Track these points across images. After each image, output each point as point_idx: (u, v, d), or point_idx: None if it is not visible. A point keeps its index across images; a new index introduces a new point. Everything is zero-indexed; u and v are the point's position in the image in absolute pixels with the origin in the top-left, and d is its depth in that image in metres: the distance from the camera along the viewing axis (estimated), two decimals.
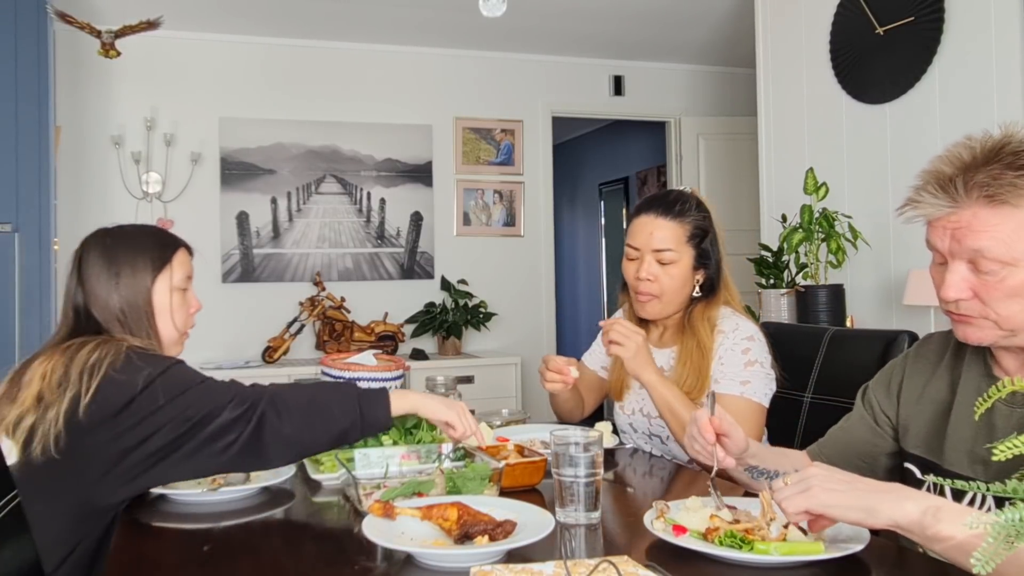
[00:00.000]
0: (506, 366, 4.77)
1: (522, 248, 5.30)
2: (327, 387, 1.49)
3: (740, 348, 1.81)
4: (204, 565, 1.18)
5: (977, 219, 1.12)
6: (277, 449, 1.36)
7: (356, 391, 1.46)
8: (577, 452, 1.30)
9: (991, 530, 0.70)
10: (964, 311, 1.17)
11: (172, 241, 1.59)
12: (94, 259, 1.50)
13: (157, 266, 1.52)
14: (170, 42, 4.57)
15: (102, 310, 1.47)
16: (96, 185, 4.50)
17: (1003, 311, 1.14)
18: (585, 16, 4.58)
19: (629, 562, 1.06)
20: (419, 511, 1.18)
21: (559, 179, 6.12)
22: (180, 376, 1.36)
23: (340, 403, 1.42)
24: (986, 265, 1.12)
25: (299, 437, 1.37)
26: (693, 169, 5.44)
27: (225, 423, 1.32)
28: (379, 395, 1.47)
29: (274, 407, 1.36)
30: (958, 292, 1.16)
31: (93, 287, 1.48)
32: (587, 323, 7.94)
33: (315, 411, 1.39)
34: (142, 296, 1.49)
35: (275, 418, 1.35)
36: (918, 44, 3.10)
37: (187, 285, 1.58)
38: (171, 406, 1.31)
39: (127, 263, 1.50)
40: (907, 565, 1.16)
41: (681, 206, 1.87)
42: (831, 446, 1.47)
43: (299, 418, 1.37)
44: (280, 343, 4.64)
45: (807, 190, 3.33)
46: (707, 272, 1.88)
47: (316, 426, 1.39)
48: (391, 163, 5.01)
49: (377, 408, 1.45)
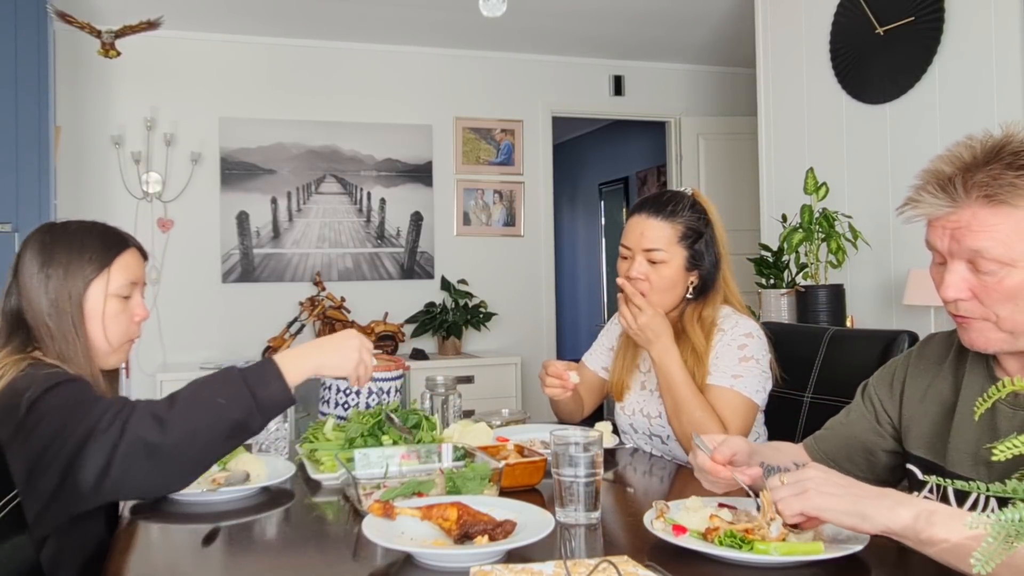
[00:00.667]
0: (506, 366, 4.77)
1: (522, 248, 5.30)
2: (202, 380, 1.28)
3: (736, 344, 1.81)
4: (204, 565, 1.18)
5: (976, 219, 1.11)
6: (163, 464, 1.19)
7: (238, 373, 1.27)
8: (577, 452, 1.30)
9: (991, 530, 0.70)
10: (964, 312, 1.17)
11: (118, 242, 1.49)
12: (30, 256, 1.42)
13: (94, 268, 1.42)
14: (170, 42, 4.57)
15: (33, 313, 1.39)
16: (96, 185, 4.50)
17: (1001, 312, 1.14)
18: (585, 16, 4.58)
19: (629, 562, 1.06)
20: (419, 511, 1.18)
21: (559, 179, 6.12)
22: (55, 399, 1.23)
23: (223, 392, 1.23)
24: (985, 265, 1.12)
25: (184, 445, 1.19)
26: (693, 169, 5.44)
27: (91, 437, 1.17)
28: (266, 369, 1.28)
29: (146, 417, 1.19)
30: (957, 292, 1.16)
31: (25, 286, 1.40)
32: (587, 323, 7.94)
33: (195, 408, 1.21)
34: (72, 300, 1.39)
35: (151, 428, 1.18)
36: (918, 44, 3.10)
37: (130, 292, 1.47)
38: (46, 426, 1.19)
39: (61, 263, 1.41)
40: (907, 565, 1.16)
41: (674, 206, 1.86)
42: (829, 441, 1.47)
43: (179, 423, 1.19)
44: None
45: (807, 190, 3.33)
46: (701, 273, 1.87)
47: (200, 425, 1.20)
48: (391, 163, 5.01)
49: (270, 384, 1.26)
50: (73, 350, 1.39)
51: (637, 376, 1.97)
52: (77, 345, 1.40)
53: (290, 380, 1.29)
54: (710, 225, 1.89)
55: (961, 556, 0.97)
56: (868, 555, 1.12)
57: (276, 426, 1.79)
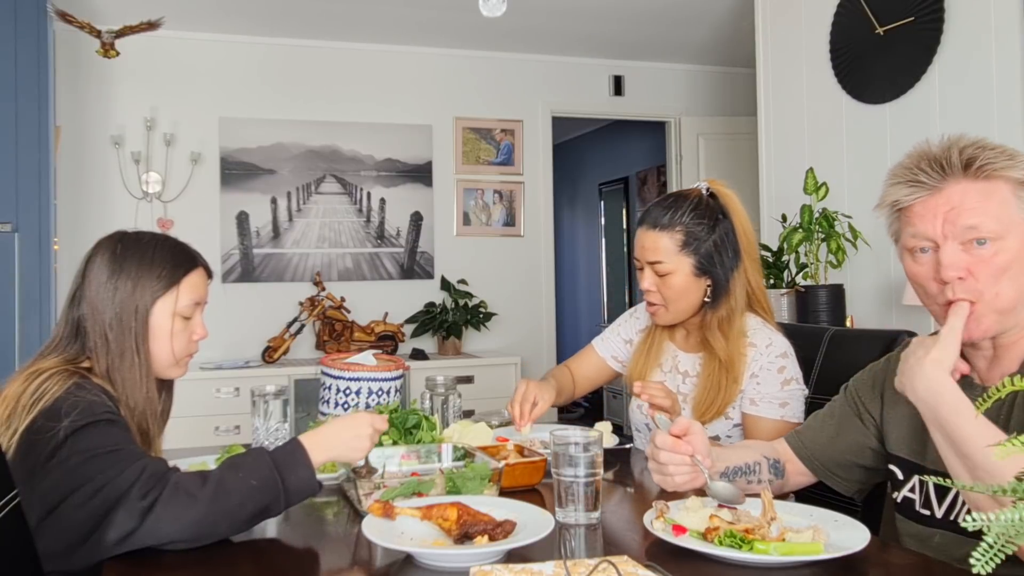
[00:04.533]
0: (506, 366, 4.77)
1: (522, 248, 5.30)
2: (233, 461, 1.27)
3: (776, 367, 1.78)
4: (204, 565, 1.18)
5: (967, 196, 1.16)
6: (187, 535, 1.19)
7: (268, 458, 1.26)
8: (577, 452, 1.30)
9: (990, 530, 0.70)
10: (960, 293, 1.18)
11: (188, 260, 1.47)
12: (100, 263, 1.42)
13: (164, 285, 1.42)
14: (170, 42, 4.57)
15: (94, 320, 1.39)
16: (96, 185, 4.50)
17: (996, 289, 1.16)
18: (585, 16, 4.58)
19: (629, 562, 1.06)
20: (419, 511, 1.18)
21: (559, 179, 6.12)
22: (95, 437, 1.23)
23: (255, 475, 1.23)
24: (976, 245, 1.16)
25: (210, 525, 1.20)
26: (693, 169, 5.44)
27: (123, 500, 1.16)
28: (295, 455, 1.28)
29: (179, 494, 1.19)
30: (957, 270, 1.17)
31: (92, 293, 1.40)
32: (587, 323, 7.94)
33: (226, 489, 1.21)
34: (138, 314, 1.40)
35: (182, 506, 1.18)
36: (918, 44, 3.10)
37: (193, 312, 1.47)
38: (77, 466, 1.18)
39: (131, 275, 1.40)
40: (907, 565, 1.16)
41: (672, 214, 1.81)
42: (813, 438, 1.48)
43: (209, 504, 1.19)
44: (280, 343, 4.64)
45: (807, 190, 3.33)
46: (714, 277, 1.81)
47: (231, 506, 1.21)
48: (391, 163, 5.01)
49: (298, 470, 1.26)
50: (128, 365, 1.38)
51: (657, 374, 1.95)
52: (135, 361, 1.39)
53: (316, 465, 1.29)
54: (721, 224, 1.82)
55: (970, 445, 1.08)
56: (868, 555, 1.12)
57: (276, 426, 1.79)
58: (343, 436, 1.34)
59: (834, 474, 1.47)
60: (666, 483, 1.37)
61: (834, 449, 1.45)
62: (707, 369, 1.83)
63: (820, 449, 1.47)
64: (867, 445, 1.42)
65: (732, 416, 1.81)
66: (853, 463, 1.44)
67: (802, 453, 1.49)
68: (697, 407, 1.82)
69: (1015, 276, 1.16)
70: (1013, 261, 1.16)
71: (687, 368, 1.90)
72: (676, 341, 1.95)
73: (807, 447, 1.48)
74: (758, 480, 1.46)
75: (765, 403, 1.76)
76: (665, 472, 1.35)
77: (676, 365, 1.92)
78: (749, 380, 1.79)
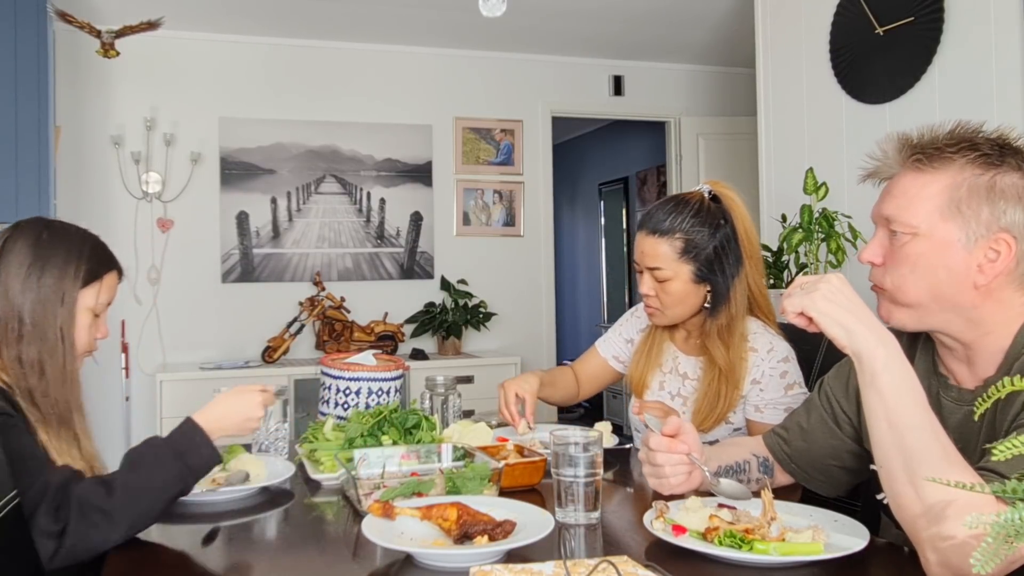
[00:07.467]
0: (506, 366, 4.77)
1: (522, 248, 5.30)
2: (135, 458, 1.28)
3: (778, 372, 1.77)
4: (204, 565, 1.18)
5: (898, 185, 1.17)
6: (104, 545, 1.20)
7: (167, 448, 1.29)
8: (577, 452, 1.30)
9: (990, 530, 0.70)
10: (872, 278, 1.20)
11: (110, 259, 1.49)
12: (21, 248, 1.40)
13: (89, 278, 1.42)
14: (170, 42, 4.57)
15: (7, 307, 1.36)
16: (96, 185, 4.50)
17: (896, 280, 1.16)
18: (585, 16, 4.58)
19: (629, 562, 1.06)
20: (419, 511, 1.18)
21: (559, 179, 6.12)
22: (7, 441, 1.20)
23: (159, 474, 1.26)
24: (895, 231, 1.16)
25: (128, 529, 1.22)
26: (693, 169, 5.44)
27: (34, 524, 1.17)
28: (193, 436, 1.31)
29: (90, 513, 1.18)
30: (871, 255, 1.19)
31: (8, 278, 1.37)
32: (587, 323, 7.94)
33: (135, 495, 1.22)
34: (65, 303, 1.38)
35: (95, 527, 1.18)
36: (918, 44, 3.10)
37: (104, 311, 1.48)
38: None
39: (57, 264, 1.39)
40: (907, 565, 1.16)
41: (672, 220, 1.78)
42: (791, 441, 1.47)
43: (122, 513, 1.20)
44: (280, 343, 4.64)
45: (807, 190, 3.33)
46: (714, 284, 1.79)
47: (143, 509, 1.23)
48: (391, 163, 5.01)
49: (200, 450, 1.30)
50: (50, 352, 1.36)
51: (657, 375, 1.95)
52: (59, 348, 1.37)
53: (214, 439, 1.34)
54: (722, 229, 1.79)
55: (888, 408, 1.03)
56: (868, 555, 1.12)
57: (276, 426, 1.80)
58: (236, 408, 1.40)
59: (814, 478, 1.46)
60: (662, 486, 1.36)
61: (811, 455, 1.44)
62: (707, 377, 1.82)
63: (799, 455, 1.45)
64: (844, 449, 1.40)
65: (732, 421, 1.81)
66: (832, 466, 1.43)
67: (781, 457, 1.48)
68: (697, 414, 1.82)
69: (923, 274, 1.14)
70: (920, 257, 1.14)
71: (687, 370, 1.90)
72: (676, 342, 1.95)
73: (785, 451, 1.47)
74: (748, 479, 1.46)
75: (770, 410, 1.76)
76: (661, 475, 1.35)
77: (676, 367, 1.92)
78: (751, 386, 1.78)
